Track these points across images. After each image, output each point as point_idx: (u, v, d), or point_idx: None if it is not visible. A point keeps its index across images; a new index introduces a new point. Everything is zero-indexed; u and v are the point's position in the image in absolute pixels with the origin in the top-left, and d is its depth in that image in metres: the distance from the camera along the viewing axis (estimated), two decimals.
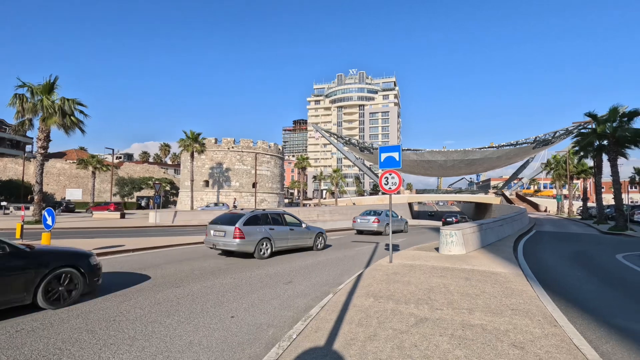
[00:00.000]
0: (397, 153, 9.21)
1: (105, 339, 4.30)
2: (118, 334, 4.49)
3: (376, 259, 10.73)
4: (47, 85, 23.22)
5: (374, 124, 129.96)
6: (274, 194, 51.42)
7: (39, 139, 24.08)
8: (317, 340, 4.05)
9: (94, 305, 5.70)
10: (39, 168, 24.28)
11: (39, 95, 23.09)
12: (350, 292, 6.23)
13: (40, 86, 23.15)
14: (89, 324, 4.81)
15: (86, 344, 4.17)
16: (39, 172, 24.28)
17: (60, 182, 60.84)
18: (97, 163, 49.07)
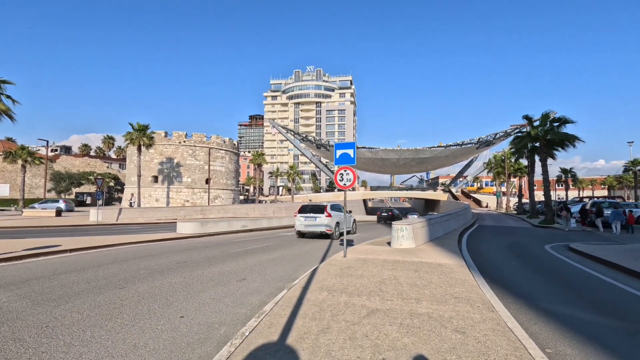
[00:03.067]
0: (352, 150, 9.39)
1: (35, 347, 3.92)
2: (51, 341, 4.12)
3: (331, 254, 10.89)
4: None
5: (330, 121, 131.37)
6: (229, 190, 50.10)
7: None
8: (270, 336, 4.03)
9: (22, 311, 5.17)
10: None
11: None
12: (304, 287, 6.27)
13: None
14: (16, 332, 4.35)
15: (13, 354, 3.77)
16: None
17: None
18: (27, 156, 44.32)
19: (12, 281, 7.01)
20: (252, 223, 22.31)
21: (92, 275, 7.62)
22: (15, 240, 13.38)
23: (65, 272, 8.00)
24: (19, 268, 8.44)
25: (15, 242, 12.33)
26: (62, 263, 9.18)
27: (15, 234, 16.97)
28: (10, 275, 7.61)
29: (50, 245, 11.61)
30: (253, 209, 40.81)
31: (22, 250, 10.36)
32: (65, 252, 10.89)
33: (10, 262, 9.12)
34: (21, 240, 13.38)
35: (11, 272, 7.95)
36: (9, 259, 9.36)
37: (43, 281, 7.03)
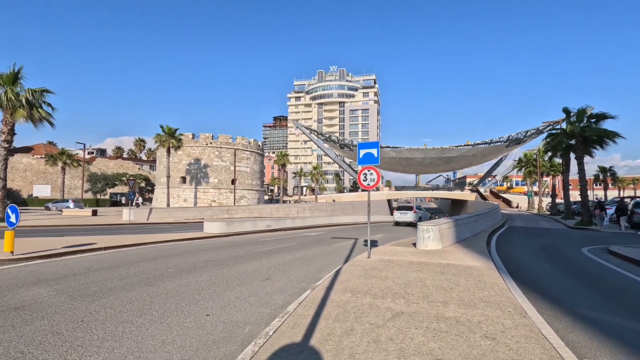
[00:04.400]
0: (375, 149, 9.27)
1: (72, 341, 4.11)
2: (86, 335, 4.31)
3: (355, 255, 10.80)
4: (11, 76, 21.98)
5: (354, 121, 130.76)
6: (254, 190, 50.92)
7: (2, 132, 22.78)
8: (293, 337, 4.03)
9: (60, 306, 5.45)
10: (3, 163, 22.99)
11: (2, 87, 21.84)
12: (328, 287, 6.24)
13: (4, 76, 21.89)
14: (54, 326, 4.59)
15: (51, 346, 3.97)
16: (3, 168, 23.00)
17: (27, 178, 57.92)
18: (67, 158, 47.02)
19: (52, 277, 7.41)
20: (277, 223, 22.53)
21: (124, 273, 7.93)
22: (55, 238, 14.19)
23: (100, 269, 8.38)
24: (58, 265, 8.92)
25: (55, 240, 13.07)
26: (97, 260, 9.62)
27: (55, 232, 17.97)
28: (51, 271, 8.06)
29: (86, 243, 12.21)
30: (277, 209, 41.26)
31: (61, 248, 10.96)
32: (100, 250, 11.42)
33: (50, 259, 9.67)
34: (60, 238, 14.16)
35: (51, 268, 8.42)
36: (50, 255, 9.93)
37: (79, 277, 7.39)
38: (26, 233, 16.55)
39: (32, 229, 20.10)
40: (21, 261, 9.17)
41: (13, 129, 22.99)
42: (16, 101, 21.62)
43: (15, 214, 9.75)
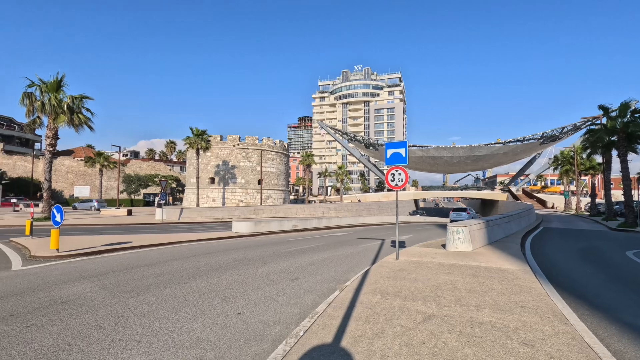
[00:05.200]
0: (403, 149, 9.13)
1: (113, 335, 4.33)
2: (126, 329, 4.52)
3: (382, 256, 10.69)
4: (55, 84, 23.41)
5: (379, 120, 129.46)
6: (280, 190, 51.51)
7: (47, 136, 24.33)
8: (324, 338, 4.04)
9: (102, 301, 5.74)
10: (48, 165, 24.54)
11: (47, 94, 23.30)
12: (357, 289, 6.21)
13: (48, 84, 23.35)
14: (97, 320, 4.85)
15: (95, 339, 4.20)
16: (48, 170, 24.55)
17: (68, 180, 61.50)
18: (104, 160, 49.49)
19: (94, 273, 7.83)
20: (303, 223, 22.68)
21: (158, 271, 8.25)
22: (94, 236, 14.98)
23: (136, 266, 8.76)
24: (98, 262, 9.41)
25: (95, 239, 13.80)
26: (133, 258, 10.07)
27: (95, 231, 18.98)
28: (92, 268, 8.52)
29: (123, 241, 12.81)
30: (303, 209, 41.53)
31: (101, 246, 11.55)
32: (136, 248, 11.94)
33: (91, 256, 10.22)
34: (99, 236, 14.93)
35: (92, 265, 8.90)
36: (91, 253, 10.49)
37: (118, 274, 7.76)
38: (68, 231, 17.57)
39: (74, 227, 21.32)
40: (65, 258, 9.75)
41: (56, 133, 24.49)
42: (59, 107, 23.01)
43: (60, 213, 10.38)
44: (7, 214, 31.13)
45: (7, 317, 4.93)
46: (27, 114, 23.39)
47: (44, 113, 23.21)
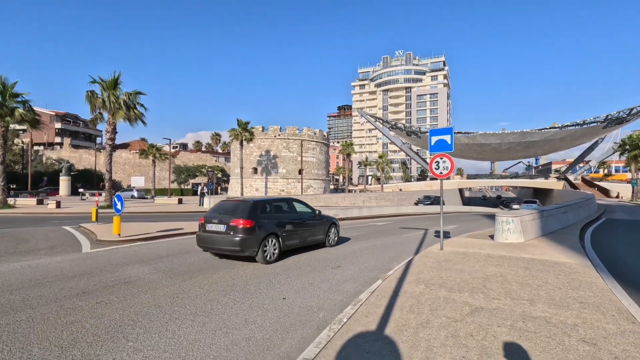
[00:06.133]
0: (449, 136, 8.76)
1: (170, 314, 4.67)
2: (181, 309, 4.86)
3: (426, 246, 10.45)
4: (112, 82, 25.24)
5: (421, 106, 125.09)
6: (320, 180, 51.93)
7: (107, 131, 26.43)
8: (367, 325, 4.06)
9: (159, 282, 6.21)
10: (108, 158, 26.71)
11: (106, 91, 25.23)
12: (400, 278, 6.14)
13: (107, 82, 25.24)
14: (156, 299, 5.26)
15: (154, 317, 4.57)
16: (108, 162, 26.72)
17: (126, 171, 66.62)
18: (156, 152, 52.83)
19: (151, 257, 8.47)
20: (343, 212, 22.75)
21: (208, 256, 8.72)
22: (150, 223, 16.15)
23: (188, 251, 9.34)
24: (154, 246, 10.16)
25: (150, 225, 14.87)
26: (185, 244, 10.73)
27: (150, 218, 20.44)
28: (149, 252, 9.22)
29: (175, 228, 13.68)
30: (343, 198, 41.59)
31: (156, 232, 12.44)
32: (187, 234, 12.70)
33: (148, 242, 11.04)
34: (154, 223, 16.07)
35: (149, 249, 9.63)
36: (147, 238, 11.34)
37: (172, 258, 8.33)
38: (127, 218, 19.10)
39: (131, 215, 23.12)
40: (126, 242, 10.63)
41: (115, 128, 26.51)
42: (116, 103, 24.83)
43: (120, 202, 11.29)
44: (75, 202, 34.50)
45: (80, 294, 5.50)
46: (90, 110, 25.54)
47: (104, 109, 25.19)
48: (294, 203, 9.86)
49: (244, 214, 8.06)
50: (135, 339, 3.89)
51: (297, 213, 9.65)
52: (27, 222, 17.82)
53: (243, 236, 7.73)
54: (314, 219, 10.10)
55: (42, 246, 9.96)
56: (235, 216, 8.04)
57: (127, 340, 3.85)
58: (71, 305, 4.97)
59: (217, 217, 8.36)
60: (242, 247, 7.72)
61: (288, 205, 9.63)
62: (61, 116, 77.28)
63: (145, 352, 3.58)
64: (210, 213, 8.74)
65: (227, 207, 8.69)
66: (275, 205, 9.20)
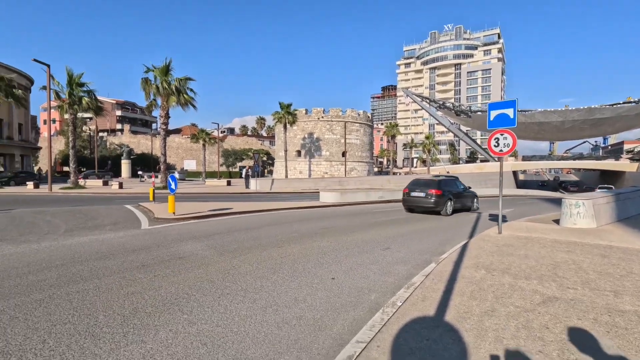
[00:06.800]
0: (511, 109, 7.94)
1: (222, 289, 4.73)
2: (232, 285, 4.91)
3: (480, 230, 9.78)
4: (164, 68, 26.37)
5: (472, 84, 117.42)
6: (364, 162, 51.19)
7: (161, 116, 27.91)
8: (424, 310, 3.78)
9: (211, 258, 6.37)
10: (163, 142, 28.28)
11: (159, 78, 26.46)
12: (456, 262, 5.73)
13: (158, 69, 26.42)
14: (208, 275, 5.37)
15: (207, 291, 4.65)
16: (163, 146, 28.31)
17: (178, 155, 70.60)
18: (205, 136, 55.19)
19: (203, 234, 8.78)
20: (389, 194, 22.18)
21: (256, 234, 8.86)
22: (201, 203, 16.89)
23: (237, 230, 9.56)
24: (206, 224, 10.55)
25: (202, 205, 15.54)
26: (234, 222, 11.03)
27: (201, 199, 21.44)
28: (201, 229, 9.57)
29: (225, 208, 14.15)
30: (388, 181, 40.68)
31: (207, 211, 12.93)
32: (236, 214, 13.08)
33: (200, 220, 11.51)
34: (205, 203, 16.78)
35: (201, 227, 10.01)
36: (199, 217, 11.82)
37: (223, 236, 8.56)
38: (180, 199, 20.17)
39: (184, 195, 24.43)
40: (180, 220, 11.16)
41: (168, 113, 27.86)
42: (169, 89, 25.97)
43: (174, 182, 11.83)
44: (135, 184, 37.26)
45: (140, 266, 5.79)
46: (145, 97, 27.03)
47: (158, 95, 26.50)
48: (456, 181, 15.45)
49: (436, 186, 13.76)
50: (189, 312, 3.96)
51: (459, 188, 15.19)
52: (95, 200, 19.51)
53: (436, 199, 13.60)
54: (467, 192, 15.67)
55: (107, 222, 10.76)
56: (430, 188, 13.78)
57: (182, 313, 3.93)
58: (132, 277, 5.23)
59: (417, 188, 14.19)
60: (435, 206, 13.63)
61: (454, 183, 15.13)
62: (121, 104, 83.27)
63: (199, 326, 3.62)
64: (411, 186, 14.51)
65: (421, 182, 14.45)
66: (449, 182, 14.73)
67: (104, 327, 3.55)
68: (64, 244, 7.51)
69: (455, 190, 14.58)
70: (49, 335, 3.37)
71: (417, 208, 14.12)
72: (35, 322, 3.67)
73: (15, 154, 42.29)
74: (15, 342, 3.24)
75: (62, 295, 4.42)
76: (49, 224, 10.40)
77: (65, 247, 7.25)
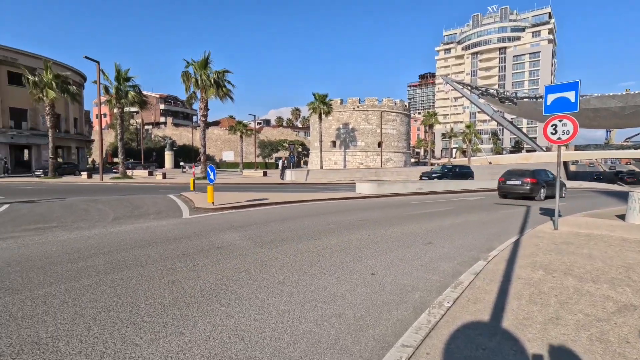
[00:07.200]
0: (572, 92, 7.13)
1: (259, 282, 4.64)
2: (269, 277, 4.81)
3: (532, 225, 9.04)
4: (203, 61, 27.01)
5: (518, 69, 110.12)
6: (400, 153, 49.90)
7: (200, 108, 28.73)
8: (477, 314, 3.43)
9: (248, 249, 6.34)
10: (202, 134, 29.16)
11: (198, 72, 27.16)
12: (508, 260, 5.25)
13: (198, 63, 27.10)
14: (245, 266, 5.33)
15: (245, 283, 4.58)
16: (202, 137, 29.20)
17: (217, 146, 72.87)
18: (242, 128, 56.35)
19: (240, 224, 8.84)
20: (427, 186, 21.38)
21: (292, 225, 8.78)
22: (238, 193, 17.20)
23: (274, 220, 9.55)
24: (243, 215, 10.65)
25: (239, 195, 15.80)
26: (270, 213, 11.05)
27: (238, 189, 21.89)
28: (239, 219, 9.66)
29: (262, 198, 14.27)
30: None
31: (245, 201, 13.10)
32: (272, 204, 13.14)
33: (238, 210, 11.66)
34: (242, 193, 17.07)
35: (239, 217, 10.11)
36: (237, 207, 11.98)
37: (259, 227, 8.56)
38: (219, 189, 20.71)
39: (222, 185, 25.09)
40: (219, 210, 11.37)
41: (207, 105, 28.63)
42: (208, 81, 26.61)
43: (213, 172, 12.05)
44: (177, 174, 38.93)
45: (180, 255, 5.88)
46: (186, 90, 27.92)
47: (197, 87, 27.25)
48: (547, 171, 17.13)
49: (531, 176, 16.01)
50: (227, 304, 3.90)
51: (549, 177, 16.83)
52: (141, 190, 20.54)
53: (532, 187, 15.70)
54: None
55: (151, 211, 11.20)
56: (526, 177, 16.02)
57: (220, 305, 3.87)
58: (172, 265, 5.30)
59: (513, 177, 16.54)
60: (530, 192, 15.73)
61: (545, 173, 16.91)
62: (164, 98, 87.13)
63: (237, 319, 3.53)
64: (507, 175, 17.02)
65: (517, 172, 17.00)
66: (541, 172, 16.67)
67: (145, 316, 3.57)
68: (112, 231, 7.85)
69: (546, 179, 16.42)
70: (94, 322, 3.44)
71: (513, 194, 16.40)
72: (82, 307, 3.77)
73: (71, 146, 45.67)
74: (64, 327, 3.33)
75: (107, 282, 4.54)
76: (99, 211, 11.00)
77: (113, 234, 7.57)
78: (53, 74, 28.32)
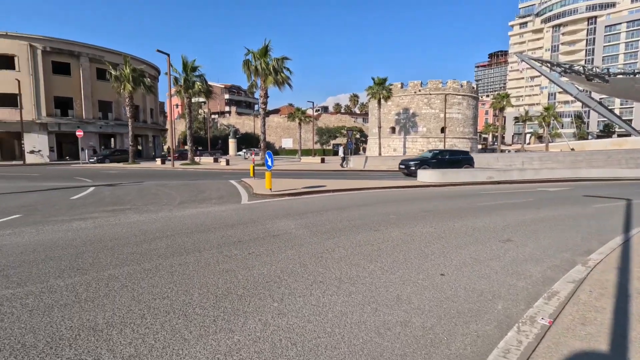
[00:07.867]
0: None
1: (314, 276, 4.30)
2: (326, 272, 4.44)
3: (637, 224, 7.50)
4: (263, 50, 27.34)
5: (611, 40, 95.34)
6: (466, 138, 46.43)
7: (260, 96, 29.29)
8: (589, 341, 2.68)
9: (303, 239, 6.05)
10: (262, 122, 29.81)
11: (258, 60, 27.61)
12: (620, 268, 4.25)
13: (258, 52, 27.51)
14: (300, 257, 5.03)
15: (299, 276, 4.27)
16: (262, 125, 29.85)
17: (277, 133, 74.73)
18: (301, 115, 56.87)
19: (296, 212, 8.63)
20: (499, 174, 19.39)
21: (350, 215, 8.34)
22: (296, 180, 17.19)
23: (331, 209, 9.19)
24: (299, 202, 10.47)
25: (296, 182, 15.76)
26: (328, 201, 10.72)
27: (296, 175, 21.99)
28: (295, 207, 9.48)
29: (318, 185, 14.02)
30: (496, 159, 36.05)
31: (302, 188, 12.95)
32: (329, 191, 12.81)
33: (294, 197, 11.53)
34: (299, 180, 17.02)
35: (295, 204, 9.94)
36: (293, 194, 11.86)
37: (315, 215, 8.26)
38: (277, 175, 20.99)
39: (281, 172, 25.48)
40: (276, 197, 11.34)
41: (266, 93, 29.09)
42: (267, 69, 26.94)
43: (270, 159, 12.04)
44: (240, 161, 40.63)
45: (236, 242, 5.78)
46: (247, 78, 28.62)
47: (257, 75, 27.76)
48: None
49: None
50: (280, 300, 3.61)
51: None
52: (205, 176, 21.63)
53: None
54: None
55: (213, 196, 11.56)
56: None
57: (273, 300, 3.60)
58: (228, 252, 5.20)
59: None
60: None
61: None
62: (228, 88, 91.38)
63: (289, 318, 3.22)
64: None
65: None
66: None
67: (197, 307, 3.42)
68: (176, 215, 8.14)
69: None
70: (148, 310, 3.36)
71: None
72: (140, 292, 3.75)
73: (148, 135, 50.04)
74: (120, 313, 3.29)
75: (166, 267, 4.54)
76: (167, 195, 11.63)
77: (177, 218, 7.83)
78: (130, 68, 30.89)
